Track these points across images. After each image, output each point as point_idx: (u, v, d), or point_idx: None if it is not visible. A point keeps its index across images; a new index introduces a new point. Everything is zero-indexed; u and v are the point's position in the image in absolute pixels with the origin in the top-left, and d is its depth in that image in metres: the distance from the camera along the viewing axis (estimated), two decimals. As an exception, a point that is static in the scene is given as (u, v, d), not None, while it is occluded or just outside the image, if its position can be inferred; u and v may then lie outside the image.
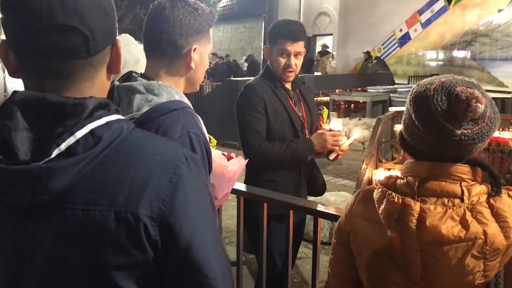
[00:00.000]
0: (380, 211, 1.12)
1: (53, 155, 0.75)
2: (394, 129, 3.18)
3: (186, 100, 1.33)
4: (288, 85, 2.49)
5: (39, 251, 0.81)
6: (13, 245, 0.82)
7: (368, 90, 11.20)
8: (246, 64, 17.08)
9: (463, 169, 1.11)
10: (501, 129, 3.56)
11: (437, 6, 13.25)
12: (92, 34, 0.81)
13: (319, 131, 2.36)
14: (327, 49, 15.81)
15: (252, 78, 2.62)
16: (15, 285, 0.84)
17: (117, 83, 1.35)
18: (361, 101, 10.90)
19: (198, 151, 1.24)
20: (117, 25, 0.90)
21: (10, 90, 13.19)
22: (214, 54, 16.90)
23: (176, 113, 1.24)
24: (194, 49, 1.36)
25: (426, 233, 1.05)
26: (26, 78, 0.86)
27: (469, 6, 12.66)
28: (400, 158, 2.99)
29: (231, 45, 22.59)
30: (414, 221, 1.06)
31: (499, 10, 12.04)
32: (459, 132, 1.05)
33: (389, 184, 1.17)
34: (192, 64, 1.37)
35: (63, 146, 0.76)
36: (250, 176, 2.43)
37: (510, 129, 3.68)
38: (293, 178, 2.40)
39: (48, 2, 0.77)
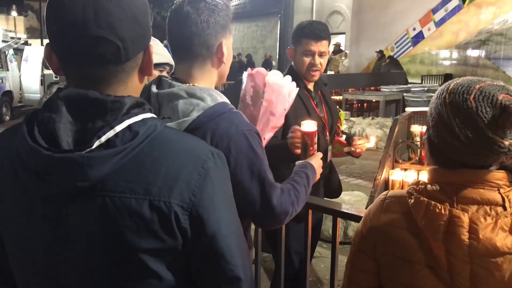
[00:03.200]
0: (420, 221, 1.09)
1: (94, 146, 0.83)
2: (411, 129, 3.18)
3: (227, 100, 1.38)
4: (311, 86, 2.50)
5: (77, 235, 0.88)
6: (52, 230, 0.89)
7: (382, 89, 11.15)
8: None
9: (499, 175, 1.08)
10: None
11: (451, 5, 13.14)
12: (123, 43, 0.87)
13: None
14: (340, 48, 15.76)
15: None
16: (53, 267, 0.91)
17: (154, 89, 1.38)
18: (374, 100, 10.85)
19: (256, 144, 1.33)
20: (150, 31, 0.95)
21: (26, 88, 13.41)
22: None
23: (226, 115, 1.30)
24: (222, 44, 1.39)
25: (480, 245, 1.03)
26: (67, 79, 0.94)
27: (484, 5, 12.54)
28: (417, 158, 2.98)
29: (243, 44, 22.59)
30: (466, 233, 1.04)
31: (515, 9, 11.92)
32: (507, 143, 1.04)
33: (421, 190, 1.13)
34: (224, 59, 1.41)
35: (103, 138, 0.84)
36: None
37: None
38: None
39: (83, 14, 0.85)
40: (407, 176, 2.81)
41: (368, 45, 14.77)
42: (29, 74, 13.42)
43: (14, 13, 27.95)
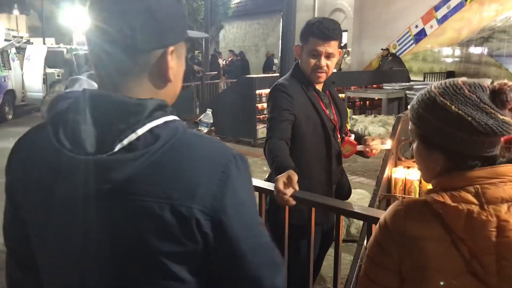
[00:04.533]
0: (461, 230, 1.07)
1: (116, 149, 0.84)
2: (414, 127, 3.16)
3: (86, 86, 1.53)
4: (319, 86, 2.40)
5: (99, 237, 0.88)
6: (75, 231, 0.90)
7: (384, 87, 11.14)
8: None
9: None
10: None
11: (453, 2, 13.12)
12: (131, 32, 0.87)
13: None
14: (342, 46, 15.71)
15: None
16: (76, 267, 0.92)
17: None
18: (376, 98, 10.84)
19: None
20: (174, 34, 0.94)
21: (28, 87, 13.42)
22: (230, 51, 16.92)
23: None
24: None
25: None
26: (94, 69, 0.96)
27: (486, 2, 12.51)
28: (420, 156, 2.97)
29: (245, 42, 22.59)
30: None
31: (518, 6, 11.89)
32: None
33: (451, 197, 1.10)
34: None
35: (125, 141, 0.84)
36: None
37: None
38: (323, 188, 2.32)
39: (101, 1, 0.89)
40: (410, 174, 2.81)
41: (370, 42, 14.75)
42: (31, 73, 13.44)
43: (16, 12, 27.97)
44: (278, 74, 8.47)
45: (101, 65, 0.92)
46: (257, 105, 8.59)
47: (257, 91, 8.52)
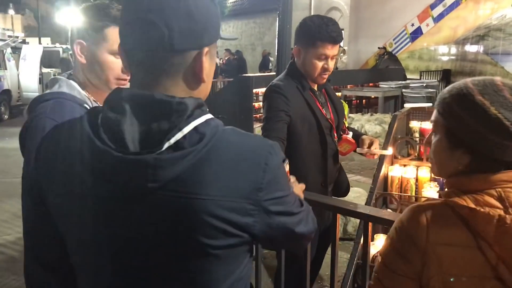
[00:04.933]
0: (491, 236, 1.04)
1: (164, 148, 0.85)
2: (410, 125, 3.18)
3: (68, 91, 1.53)
4: (315, 86, 2.40)
5: (145, 234, 0.90)
6: (119, 229, 0.91)
7: (380, 85, 11.16)
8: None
9: None
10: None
11: (449, 1, 13.14)
12: (170, 32, 0.88)
13: None
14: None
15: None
16: (119, 264, 0.94)
17: None
18: (373, 96, 10.86)
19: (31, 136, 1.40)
20: (209, 33, 0.94)
21: (24, 87, 13.39)
22: (226, 50, 16.89)
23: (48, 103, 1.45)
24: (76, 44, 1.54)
25: None
26: (129, 68, 0.97)
27: (481, 0, 12.53)
28: (416, 154, 2.98)
29: (242, 41, 22.56)
30: None
31: (513, 4, 11.91)
32: None
33: (476, 202, 1.07)
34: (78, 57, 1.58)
35: (172, 140, 0.86)
36: None
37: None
38: (318, 189, 2.33)
39: None
40: (406, 172, 2.82)
41: (367, 41, 14.76)
42: (27, 73, 13.40)
43: (11, 12, 27.86)
44: (274, 73, 8.46)
45: (137, 64, 0.92)
46: (253, 104, 8.59)
47: (254, 90, 8.52)
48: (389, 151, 2.64)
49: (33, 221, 1.06)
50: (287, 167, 1.71)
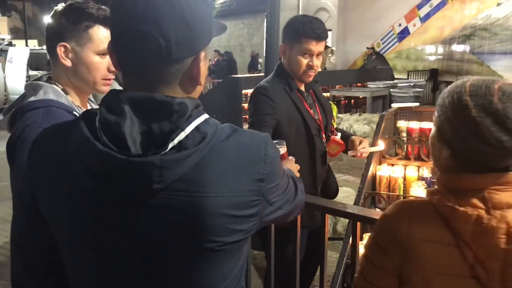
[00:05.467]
0: (469, 236, 1.05)
1: (168, 149, 0.86)
2: (397, 125, 3.20)
3: (55, 97, 1.46)
4: (302, 87, 2.40)
5: (150, 235, 0.89)
6: (123, 230, 0.90)
7: (368, 85, 11.22)
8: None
9: None
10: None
11: (436, 1, 13.23)
12: (166, 42, 0.87)
13: None
14: (326, 45, 15.74)
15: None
16: (124, 265, 0.93)
17: None
18: (361, 96, 10.91)
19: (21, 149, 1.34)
20: (204, 38, 0.94)
21: (11, 89, 13.25)
22: (215, 51, 16.87)
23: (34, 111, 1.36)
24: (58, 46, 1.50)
25: None
26: (122, 76, 0.96)
27: (467, 0, 12.64)
28: (403, 154, 3.01)
29: (230, 42, 22.54)
30: None
31: (498, 4, 12.02)
32: None
33: (456, 200, 1.08)
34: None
35: (176, 141, 0.86)
36: None
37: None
38: (308, 191, 2.30)
39: (134, 6, 0.86)
40: (394, 171, 2.84)
41: (355, 41, 14.82)
42: (14, 75, 13.26)
43: (-3, 14, 27.66)
44: (263, 74, 8.48)
45: (132, 73, 0.92)
46: (243, 105, 8.58)
47: (243, 91, 8.52)
48: (381, 145, 2.65)
49: (25, 227, 1.04)
50: (284, 149, 1.74)
